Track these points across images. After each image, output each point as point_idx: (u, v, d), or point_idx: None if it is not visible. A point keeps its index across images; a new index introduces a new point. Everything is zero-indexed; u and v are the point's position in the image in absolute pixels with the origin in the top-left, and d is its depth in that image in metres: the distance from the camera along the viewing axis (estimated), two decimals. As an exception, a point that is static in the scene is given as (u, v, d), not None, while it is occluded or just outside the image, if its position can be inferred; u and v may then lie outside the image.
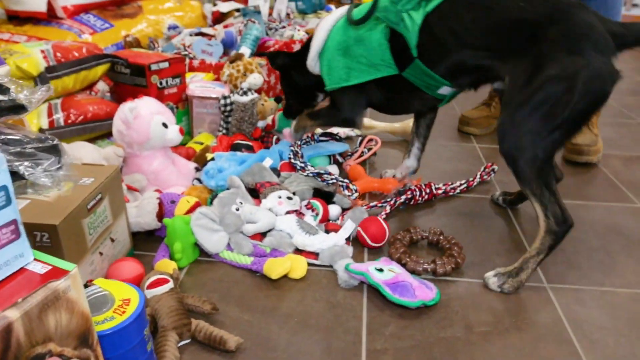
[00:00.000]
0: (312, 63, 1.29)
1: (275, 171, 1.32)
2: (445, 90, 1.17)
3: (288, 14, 2.56)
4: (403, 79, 1.16)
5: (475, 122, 1.84)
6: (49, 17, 1.82)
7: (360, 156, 1.54)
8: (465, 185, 1.38)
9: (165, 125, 1.23)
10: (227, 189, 1.18)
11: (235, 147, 1.43)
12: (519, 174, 0.98)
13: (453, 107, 2.08)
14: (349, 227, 1.10)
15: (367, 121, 1.75)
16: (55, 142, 0.80)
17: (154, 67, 1.47)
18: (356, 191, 1.27)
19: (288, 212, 1.14)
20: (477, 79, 1.15)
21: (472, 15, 1.04)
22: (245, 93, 1.51)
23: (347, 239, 1.12)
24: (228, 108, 1.51)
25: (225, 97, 1.51)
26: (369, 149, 1.57)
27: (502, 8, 1.01)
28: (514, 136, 0.96)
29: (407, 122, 1.78)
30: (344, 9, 1.25)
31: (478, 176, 1.41)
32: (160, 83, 1.51)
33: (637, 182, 1.51)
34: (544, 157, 0.95)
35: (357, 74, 1.20)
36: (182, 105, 1.59)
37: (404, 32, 1.10)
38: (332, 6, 2.80)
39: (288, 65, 1.40)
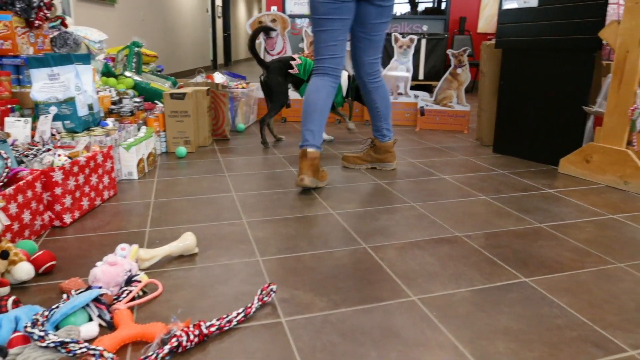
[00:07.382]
0: None
1: (3, 350, 1.06)
2: None
3: (53, 135, 2.32)
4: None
5: (351, 159, 2.89)
6: None
7: (133, 299, 1.36)
8: (243, 314, 1.27)
9: None
10: None
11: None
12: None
13: (246, 236, 2.03)
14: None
15: (144, 252, 1.57)
16: None
17: None
18: (112, 359, 1.08)
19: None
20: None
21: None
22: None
23: None
24: None
25: None
26: (145, 292, 1.40)
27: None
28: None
29: (187, 239, 1.65)
30: None
31: (256, 300, 1.32)
32: None
33: (410, 271, 1.58)
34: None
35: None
36: None
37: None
38: (109, 122, 2.62)
39: None
